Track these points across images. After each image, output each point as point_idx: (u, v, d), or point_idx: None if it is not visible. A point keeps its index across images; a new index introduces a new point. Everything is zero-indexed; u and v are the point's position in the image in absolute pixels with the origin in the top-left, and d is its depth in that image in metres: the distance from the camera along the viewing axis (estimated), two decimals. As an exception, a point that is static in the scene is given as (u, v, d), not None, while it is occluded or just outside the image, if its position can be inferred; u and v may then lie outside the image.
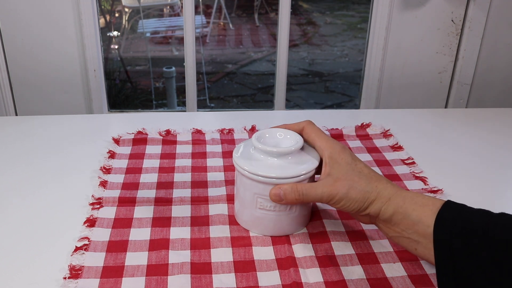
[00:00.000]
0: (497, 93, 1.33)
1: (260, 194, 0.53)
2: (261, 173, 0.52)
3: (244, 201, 0.56)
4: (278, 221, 0.55)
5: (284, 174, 0.52)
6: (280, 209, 0.54)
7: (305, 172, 0.53)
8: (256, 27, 4.06)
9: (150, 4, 3.19)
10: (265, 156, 0.54)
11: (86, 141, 0.80)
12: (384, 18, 1.22)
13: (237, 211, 0.58)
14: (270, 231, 0.56)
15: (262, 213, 0.55)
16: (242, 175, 0.54)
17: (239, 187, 0.56)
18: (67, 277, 0.50)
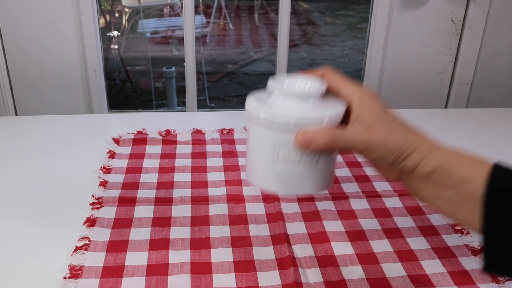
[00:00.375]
0: (497, 93, 1.33)
1: (283, 143, 0.45)
2: (284, 117, 0.44)
3: (262, 157, 0.47)
4: (303, 176, 0.47)
5: (311, 115, 0.44)
6: (306, 160, 0.46)
7: (334, 114, 0.44)
8: (256, 27, 4.06)
9: (150, 4, 3.19)
10: (284, 100, 0.46)
11: (86, 141, 0.80)
12: (384, 18, 1.22)
13: (252, 172, 0.49)
14: (294, 189, 0.48)
15: (285, 168, 0.46)
16: (260, 125, 0.46)
17: (255, 142, 0.48)
18: (67, 277, 0.50)
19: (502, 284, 0.51)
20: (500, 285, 0.51)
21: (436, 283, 0.51)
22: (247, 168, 0.50)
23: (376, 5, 1.22)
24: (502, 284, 0.51)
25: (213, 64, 3.29)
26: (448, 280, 0.51)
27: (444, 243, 0.57)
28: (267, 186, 0.48)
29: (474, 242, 0.57)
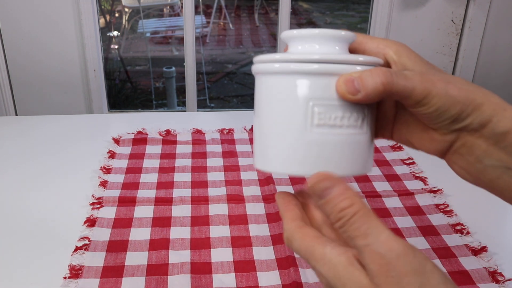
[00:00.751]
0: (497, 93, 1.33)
1: (317, 94, 0.33)
2: (316, 54, 0.33)
3: (284, 123, 0.34)
4: (344, 147, 0.34)
5: (349, 57, 0.33)
6: (349, 122, 0.33)
7: (376, 60, 0.34)
8: (256, 27, 4.06)
9: (150, 4, 3.19)
10: (306, 46, 0.35)
11: (86, 141, 0.80)
12: (384, 18, 1.22)
13: (267, 151, 0.35)
14: (330, 167, 0.34)
15: (319, 135, 0.33)
16: (279, 74, 0.34)
17: (273, 102, 0.34)
18: (67, 276, 0.50)
19: (502, 284, 0.51)
20: (500, 285, 0.51)
21: (436, 283, 0.51)
22: (256, 150, 0.36)
23: (376, 5, 1.22)
24: (502, 284, 0.51)
25: (213, 64, 3.29)
26: (448, 280, 0.51)
27: (444, 243, 0.57)
28: (292, 166, 0.34)
29: (474, 242, 0.57)
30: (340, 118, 0.33)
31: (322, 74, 0.33)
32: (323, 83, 0.33)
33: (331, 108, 0.33)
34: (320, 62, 0.32)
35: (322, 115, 0.33)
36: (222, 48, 3.63)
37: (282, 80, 0.34)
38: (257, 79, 0.36)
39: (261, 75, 0.35)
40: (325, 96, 0.33)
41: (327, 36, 0.35)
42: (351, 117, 0.33)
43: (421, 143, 0.37)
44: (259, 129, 0.36)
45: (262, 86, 0.35)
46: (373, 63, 0.34)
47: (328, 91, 0.33)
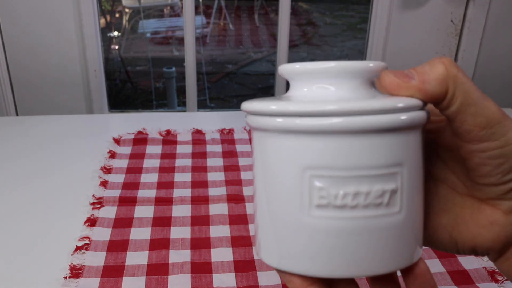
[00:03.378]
0: (496, 93, 1.33)
1: (322, 164, 0.23)
2: (328, 104, 0.23)
3: (279, 206, 0.25)
4: (367, 236, 0.24)
5: (374, 105, 0.23)
6: (368, 201, 0.23)
7: (416, 103, 0.24)
8: (256, 28, 4.06)
9: (150, 4, 3.19)
10: (312, 89, 0.26)
11: (86, 141, 0.80)
12: (383, 19, 1.22)
13: (269, 241, 0.27)
14: (353, 264, 0.24)
15: (327, 220, 0.24)
16: (275, 137, 0.24)
17: (267, 178, 0.25)
18: (67, 276, 0.50)
19: (501, 284, 0.51)
20: (499, 285, 0.51)
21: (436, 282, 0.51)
22: (258, 237, 0.28)
23: (376, 6, 1.23)
24: (501, 284, 0.51)
25: (213, 64, 3.29)
26: (448, 280, 0.51)
27: (444, 243, 0.57)
28: (292, 263, 0.25)
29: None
30: (353, 195, 0.23)
31: (335, 133, 0.23)
32: (332, 144, 0.23)
33: (338, 180, 0.23)
34: (334, 115, 0.22)
35: (324, 192, 0.23)
36: (222, 49, 3.63)
37: (277, 141, 0.24)
38: (252, 135, 0.27)
39: (254, 131, 0.26)
40: (331, 163, 0.23)
41: (347, 73, 0.25)
42: (370, 193, 0.23)
43: (474, 229, 0.26)
44: (258, 204, 0.27)
45: (255, 144, 0.26)
46: (414, 108, 0.24)
47: (338, 155, 0.23)
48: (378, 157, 0.23)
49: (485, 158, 0.25)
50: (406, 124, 0.23)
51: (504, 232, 0.25)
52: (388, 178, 0.23)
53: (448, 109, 0.25)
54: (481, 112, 0.24)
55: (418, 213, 0.25)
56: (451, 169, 0.28)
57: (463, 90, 0.24)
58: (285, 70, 0.27)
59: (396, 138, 0.23)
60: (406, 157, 0.24)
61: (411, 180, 0.24)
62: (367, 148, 0.23)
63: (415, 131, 0.25)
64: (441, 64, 0.25)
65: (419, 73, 0.25)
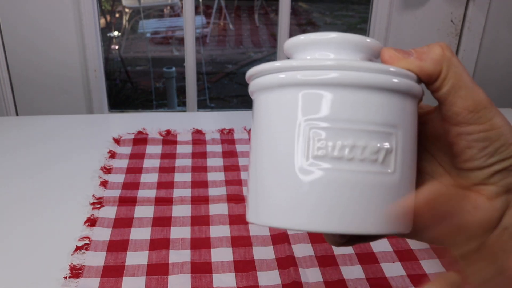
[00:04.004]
0: (496, 93, 1.33)
1: (320, 115, 0.24)
2: (328, 61, 0.24)
3: (276, 159, 0.25)
4: (360, 191, 0.24)
5: (378, 67, 0.25)
6: (364, 156, 0.24)
7: (405, 72, 0.26)
8: (256, 28, 4.06)
9: (150, 4, 3.19)
10: (316, 54, 0.27)
11: (86, 141, 0.80)
12: (383, 19, 1.22)
13: (264, 197, 0.26)
14: (344, 220, 0.24)
15: (323, 171, 0.24)
16: (278, 92, 0.25)
17: (265, 134, 0.26)
18: (67, 276, 0.50)
19: (501, 283, 0.51)
20: (499, 285, 0.51)
21: (435, 282, 0.51)
22: (249, 196, 0.28)
23: (375, 6, 1.23)
24: (501, 283, 0.51)
25: (213, 64, 3.29)
26: (447, 280, 0.51)
27: (444, 243, 0.57)
28: (286, 218, 0.25)
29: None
30: (350, 148, 0.24)
31: (334, 86, 0.24)
32: (332, 97, 0.24)
33: (336, 132, 0.24)
34: (332, 69, 0.24)
35: (322, 143, 0.24)
36: (222, 49, 3.63)
37: (279, 96, 0.25)
38: (254, 100, 0.28)
39: (256, 92, 0.27)
40: (330, 115, 0.24)
41: (346, 43, 0.27)
42: (366, 148, 0.24)
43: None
44: (251, 167, 0.27)
45: (255, 108, 0.27)
46: (407, 76, 0.26)
47: (337, 107, 0.24)
48: (375, 113, 0.24)
49: (471, 141, 0.26)
50: (400, 88, 0.25)
51: (487, 217, 0.26)
52: (384, 137, 0.24)
53: (440, 90, 0.26)
54: (470, 96, 0.26)
55: (411, 179, 0.26)
56: (437, 160, 0.29)
57: (455, 73, 0.26)
58: (291, 43, 0.28)
59: (391, 100, 0.25)
60: (401, 121, 0.25)
61: (406, 144, 0.25)
62: (364, 104, 0.24)
63: (410, 99, 0.26)
64: (438, 46, 0.26)
65: (417, 52, 0.27)
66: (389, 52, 0.27)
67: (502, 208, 0.26)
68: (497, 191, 0.26)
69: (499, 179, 0.26)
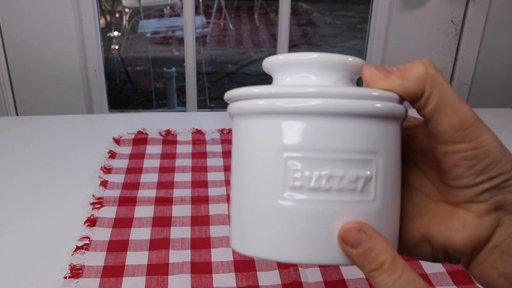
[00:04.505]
0: (496, 93, 1.33)
1: (298, 145, 0.24)
2: (307, 88, 0.24)
3: (254, 189, 0.25)
4: (337, 221, 0.24)
5: (361, 92, 0.24)
6: (342, 185, 0.23)
7: (393, 96, 0.25)
8: (256, 28, 4.06)
9: (150, 4, 3.19)
10: (294, 78, 0.27)
11: (86, 141, 0.80)
12: (383, 19, 1.22)
13: (244, 228, 0.26)
14: (323, 251, 0.24)
15: (300, 203, 0.24)
16: (255, 120, 0.26)
17: (245, 161, 0.26)
18: (67, 276, 0.50)
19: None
20: (499, 285, 0.51)
21: (436, 282, 0.51)
22: (234, 222, 0.27)
23: (375, 6, 1.23)
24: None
25: (213, 64, 3.29)
26: (448, 280, 0.51)
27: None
28: (265, 249, 0.24)
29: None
30: (327, 178, 0.23)
31: (311, 114, 0.23)
32: (309, 126, 0.23)
33: (312, 162, 0.23)
34: (312, 97, 0.23)
35: (299, 174, 0.23)
36: (222, 49, 3.63)
37: (257, 124, 0.25)
38: (233, 124, 0.28)
39: (235, 117, 0.27)
40: (306, 144, 0.23)
41: (327, 64, 0.26)
42: (344, 177, 0.23)
43: (446, 231, 0.27)
44: (232, 191, 0.27)
45: (234, 133, 0.27)
46: (390, 99, 0.25)
47: (314, 136, 0.23)
48: (354, 142, 0.23)
49: (458, 160, 0.25)
50: (381, 113, 0.24)
51: (476, 235, 0.26)
52: (363, 164, 0.24)
53: (424, 109, 0.26)
54: (456, 114, 0.25)
55: (393, 205, 0.26)
56: (426, 175, 0.29)
57: (439, 91, 0.25)
58: (269, 62, 0.28)
59: (372, 125, 0.24)
60: (382, 146, 0.24)
61: (387, 170, 0.25)
62: (343, 132, 0.23)
63: (391, 123, 0.25)
64: (421, 64, 0.25)
65: (399, 70, 0.26)
66: (370, 71, 0.26)
67: (491, 226, 0.26)
68: (486, 209, 0.26)
69: (488, 197, 0.26)
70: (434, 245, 0.28)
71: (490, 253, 0.26)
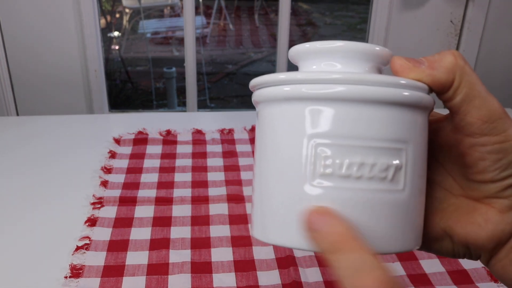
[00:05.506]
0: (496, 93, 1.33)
1: (328, 132, 0.23)
2: (338, 74, 0.23)
3: (281, 176, 0.24)
4: (369, 210, 0.23)
5: (389, 79, 0.24)
6: (373, 174, 0.23)
7: (421, 85, 0.25)
8: (256, 28, 4.06)
9: (150, 4, 3.19)
10: (322, 65, 0.27)
11: (87, 141, 0.80)
12: (383, 19, 1.22)
13: (264, 211, 0.26)
14: None
15: (330, 190, 0.23)
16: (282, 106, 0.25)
17: (271, 149, 0.25)
18: (68, 276, 0.50)
19: (501, 283, 0.51)
20: (499, 285, 0.51)
21: (435, 282, 0.51)
22: (254, 212, 0.27)
23: (375, 6, 1.23)
24: (501, 283, 0.51)
25: (213, 65, 3.29)
26: (447, 280, 0.51)
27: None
28: (290, 237, 0.24)
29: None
30: (358, 165, 0.23)
31: (341, 100, 0.23)
32: (339, 113, 0.23)
33: (343, 149, 0.23)
34: (339, 83, 0.23)
35: (329, 161, 0.23)
36: (222, 49, 3.63)
37: (284, 110, 0.24)
38: (258, 111, 0.27)
39: (260, 104, 0.26)
40: (336, 131, 0.23)
41: (353, 52, 0.25)
42: (375, 165, 0.23)
43: (467, 226, 0.26)
44: (256, 181, 0.26)
45: (260, 121, 0.26)
46: (418, 88, 0.25)
47: (345, 124, 0.23)
48: (384, 129, 0.23)
49: (485, 153, 0.25)
50: (410, 101, 0.24)
51: (498, 231, 0.26)
52: (394, 153, 0.23)
53: (453, 100, 0.25)
54: (484, 105, 0.25)
55: (420, 196, 0.25)
56: (447, 170, 0.29)
57: (469, 82, 0.25)
58: (295, 50, 0.27)
59: (402, 114, 0.24)
60: (412, 136, 0.24)
61: (416, 160, 0.24)
62: (373, 119, 0.23)
63: (420, 112, 0.25)
64: (451, 54, 0.25)
65: (429, 60, 0.25)
66: (400, 61, 0.26)
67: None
68: (509, 205, 0.26)
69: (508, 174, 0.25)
70: (455, 240, 0.27)
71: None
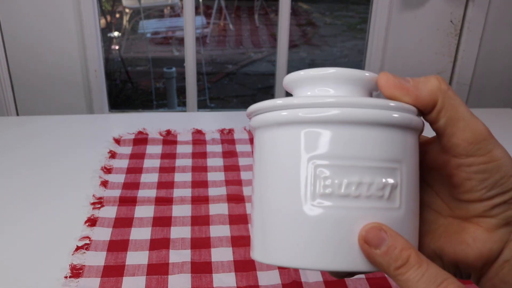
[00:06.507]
0: (496, 94, 1.33)
1: (326, 154, 0.24)
2: (330, 98, 0.25)
3: (281, 197, 0.25)
4: None
5: (378, 102, 0.25)
6: (370, 192, 0.24)
7: (409, 107, 0.26)
8: (256, 28, 4.06)
9: (150, 4, 3.19)
10: (316, 91, 0.28)
11: (87, 141, 0.80)
12: (383, 19, 1.23)
13: (265, 232, 0.26)
14: (349, 258, 0.24)
15: (330, 209, 0.24)
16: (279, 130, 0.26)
17: (270, 171, 0.26)
18: (68, 276, 0.50)
19: None
20: None
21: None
22: (254, 234, 0.27)
23: (375, 6, 1.23)
24: None
25: (213, 65, 3.29)
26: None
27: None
28: (292, 257, 0.25)
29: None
30: (356, 185, 0.24)
31: (336, 123, 0.24)
32: (336, 135, 0.24)
33: (342, 169, 0.24)
34: (334, 106, 0.24)
35: (329, 181, 0.24)
36: (222, 49, 3.63)
37: (283, 134, 0.25)
38: (255, 136, 0.28)
39: (258, 129, 0.27)
40: (334, 152, 0.24)
41: (345, 78, 0.27)
42: (372, 184, 0.24)
43: (456, 246, 0.27)
44: (255, 203, 0.27)
45: (258, 145, 0.27)
46: (407, 110, 0.26)
47: (342, 145, 0.24)
48: (378, 149, 0.25)
49: (471, 173, 0.26)
50: (400, 122, 0.25)
51: (486, 249, 0.26)
52: (389, 172, 0.25)
53: (438, 122, 0.27)
54: (469, 127, 0.26)
55: (415, 214, 0.27)
56: (436, 191, 0.29)
57: (451, 104, 0.26)
58: (289, 78, 0.28)
59: (393, 135, 0.25)
60: (405, 155, 0.26)
61: (410, 179, 0.26)
62: (367, 140, 0.24)
63: (411, 133, 0.26)
64: (435, 78, 0.27)
65: (414, 81, 0.27)
66: (386, 76, 0.27)
67: (502, 240, 0.26)
68: (497, 224, 0.26)
69: (499, 212, 0.26)
70: (445, 260, 0.28)
71: (501, 268, 0.26)
